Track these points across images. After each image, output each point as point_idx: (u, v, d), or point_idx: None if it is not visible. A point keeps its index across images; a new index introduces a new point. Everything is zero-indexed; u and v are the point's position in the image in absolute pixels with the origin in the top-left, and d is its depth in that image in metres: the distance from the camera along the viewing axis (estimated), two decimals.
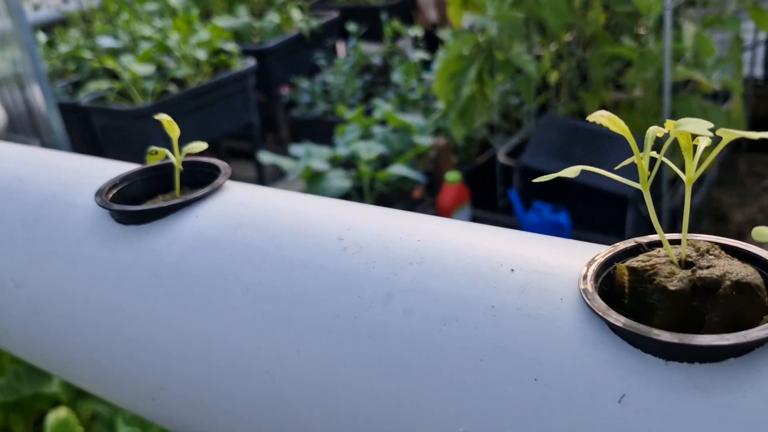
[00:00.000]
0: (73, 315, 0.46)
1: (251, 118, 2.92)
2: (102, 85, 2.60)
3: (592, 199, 1.99)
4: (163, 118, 0.48)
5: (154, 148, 0.49)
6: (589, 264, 0.31)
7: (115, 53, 3.00)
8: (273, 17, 3.54)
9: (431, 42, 3.52)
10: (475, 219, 2.36)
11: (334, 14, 3.75)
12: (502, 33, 2.03)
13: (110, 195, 0.48)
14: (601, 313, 0.27)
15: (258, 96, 3.22)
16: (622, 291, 0.30)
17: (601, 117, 0.31)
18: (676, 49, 1.86)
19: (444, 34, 2.82)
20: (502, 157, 2.31)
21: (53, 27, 3.56)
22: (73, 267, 0.46)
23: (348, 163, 2.32)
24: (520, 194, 2.13)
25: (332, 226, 0.40)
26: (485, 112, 2.32)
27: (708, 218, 2.37)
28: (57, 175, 0.54)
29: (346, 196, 2.18)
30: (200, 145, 0.48)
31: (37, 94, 2.39)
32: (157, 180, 0.51)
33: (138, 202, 0.49)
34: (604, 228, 2.04)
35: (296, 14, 3.66)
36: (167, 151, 0.49)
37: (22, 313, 0.50)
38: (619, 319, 0.27)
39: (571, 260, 0.32)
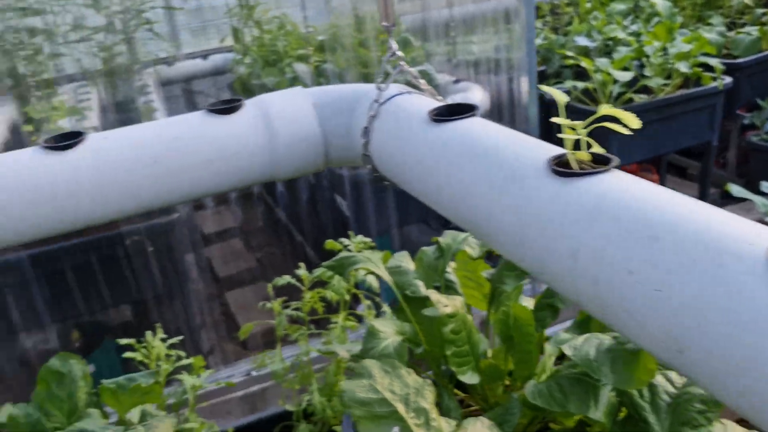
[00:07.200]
0: None
1: (712, 137, 2.77)
2: (577, 83, 2.74)
3: None
4: None
5: None
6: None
7: (586, 52, 3.13)
8: (751, 30, 3.26)
9: None
10: None
11: None
12: None
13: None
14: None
15: None
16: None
17: None
18: None
19: None
20: None
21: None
22: None
23: None
24: None
25: None
26: None
27: None
28: None
29: None
30: None
31: (523, 84, 2.64)
32: None
33: None
34: None
35: None
36: None
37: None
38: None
39: None
